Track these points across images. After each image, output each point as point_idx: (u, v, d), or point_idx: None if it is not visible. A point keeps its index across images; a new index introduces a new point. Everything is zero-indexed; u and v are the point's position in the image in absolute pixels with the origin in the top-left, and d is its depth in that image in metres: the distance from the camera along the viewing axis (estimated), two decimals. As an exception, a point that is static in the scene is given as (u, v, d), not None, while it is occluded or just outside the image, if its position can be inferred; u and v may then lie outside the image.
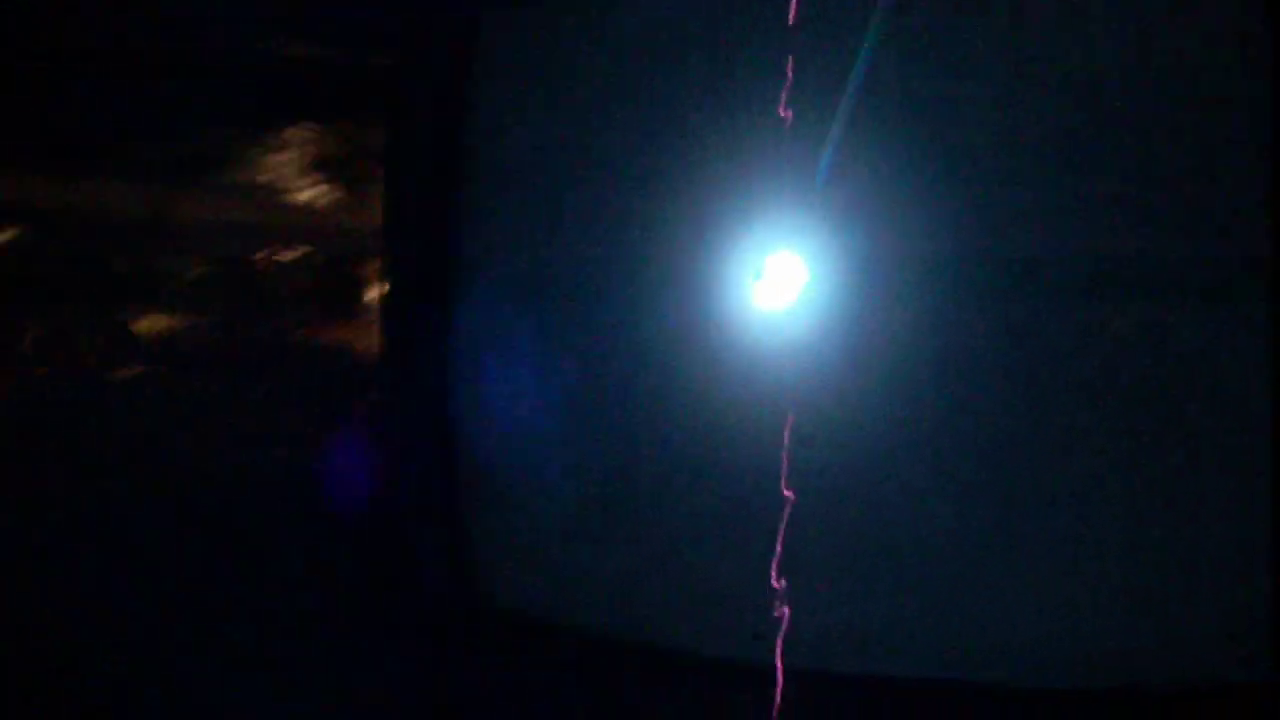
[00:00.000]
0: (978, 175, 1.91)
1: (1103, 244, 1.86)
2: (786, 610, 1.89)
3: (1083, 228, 1.87)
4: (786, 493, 1.88)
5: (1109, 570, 1.88)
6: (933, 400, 1.93)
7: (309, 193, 5.05)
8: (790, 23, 1.89)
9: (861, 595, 1.97)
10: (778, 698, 1.90)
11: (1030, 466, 1.91)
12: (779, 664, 1.88)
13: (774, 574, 1.87)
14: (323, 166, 5.07)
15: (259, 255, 5.29)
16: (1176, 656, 1.83)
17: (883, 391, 1.94)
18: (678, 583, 2.06)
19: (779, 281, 1.92)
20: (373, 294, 4.93)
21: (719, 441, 2.00)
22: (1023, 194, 1.90)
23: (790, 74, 1.90)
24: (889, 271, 1.94)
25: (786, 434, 1.85)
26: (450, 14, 2.27)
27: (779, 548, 1.89)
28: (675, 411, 2.06)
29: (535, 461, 2.21)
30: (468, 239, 2.27)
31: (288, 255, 5.27)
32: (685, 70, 2.07)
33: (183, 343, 4.89)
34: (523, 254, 2.21)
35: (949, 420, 1.92)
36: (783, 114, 1.88)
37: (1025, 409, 1.92)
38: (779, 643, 1.89)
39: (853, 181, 1.92)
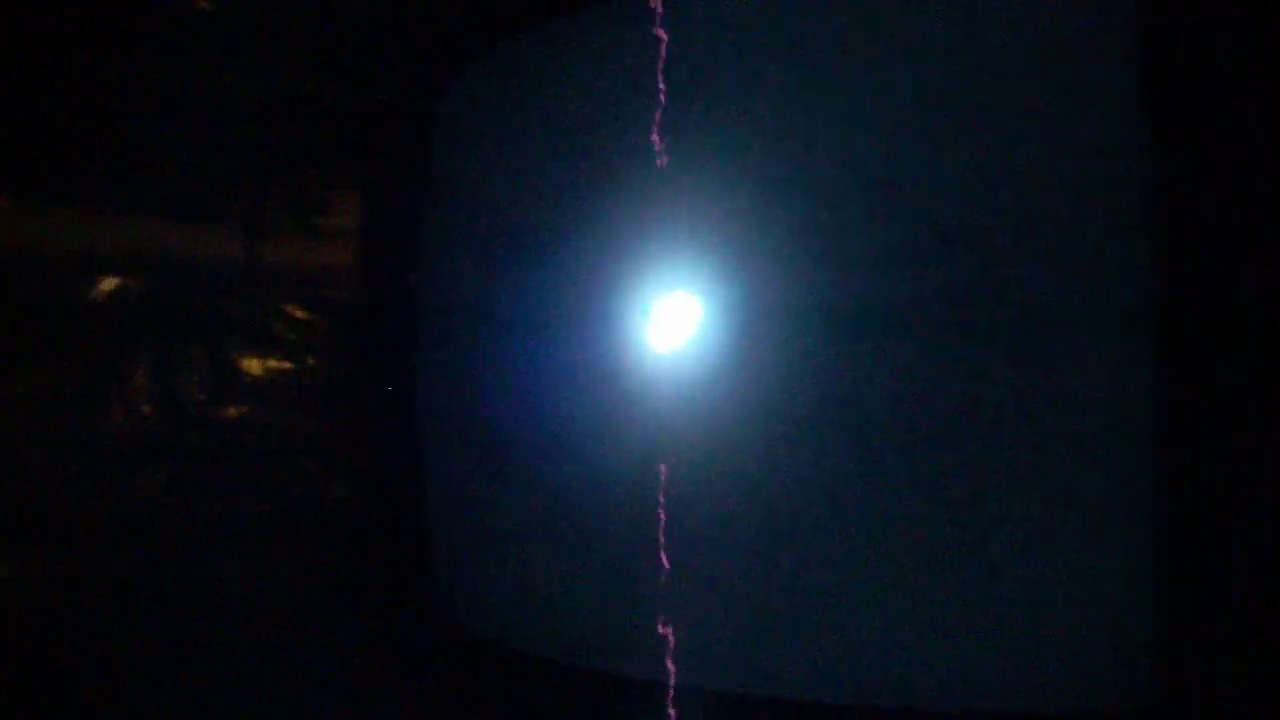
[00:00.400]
0: (851, 219, 1.99)
1: (987, 283, 1.92)
2: (671, 632, 2.02)
3: (965, 267, 1.93)
4: (660, 512, 2.02)
5: (991, 601, 1.93)
6: (813, 435, 2.01)
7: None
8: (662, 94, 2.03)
9: (747, 619, 2.07)
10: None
11: (912, 502, 1.97)
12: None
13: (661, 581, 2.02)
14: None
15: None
16: (1059, 685, 1.87)
17: (762, 426, 2.04)
18: (586, 602, 2.20)
19: (668, 322, 2.05)
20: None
21: (609, 474, 2.14)
22: (899, 235, 1.97)
23: (659, 122, 2.03)
24: (771, 314, 2.03)
25: (664, 471, 2.00)
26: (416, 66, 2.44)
27: (664, 564, 2.02)
28: (567, 441, 2.20)
29: (481, 485, 2.37)
30: (430, 277, 2.45)
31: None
32: (593, 132, 2.21)
33: (288, 382, 5.10)
34: (465, 291, 2.38)
35: (828, 454, 2.00)
36: (661, 163, 2.02)
37: (908, 447, 1.98)
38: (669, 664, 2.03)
39: (733, 224, 2.03)
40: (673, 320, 2.04)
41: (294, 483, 4.24)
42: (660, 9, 2.04)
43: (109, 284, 4.27)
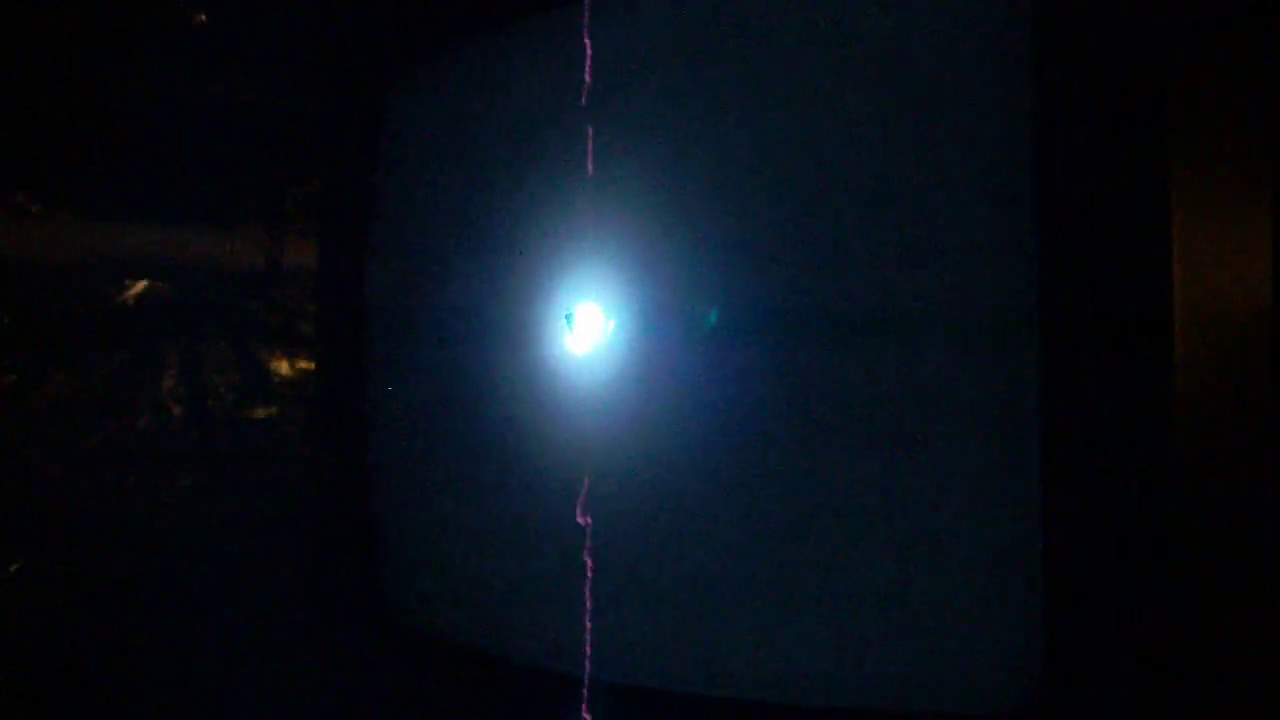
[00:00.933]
0: (760, 225, 2.04)
1: (886, 287, 1.95)
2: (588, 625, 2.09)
3: (865, 272, 1.97)
4: (581, 520, 2.08)
5: (889, 600, 1.96)
6: (720, 439, 2.06)
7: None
8: (584, 102, 2.09)
9: (665, 617, 2.12)
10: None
11: (813, 501, 2.01)
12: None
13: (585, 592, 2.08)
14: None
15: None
16: (949, 685, 1.90)
17: (674, 431, 2.09)
18: (518, 599, 2.27)
19: (585, 329, 2.11)
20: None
21: (535, 476, 2.21)
22: (802, 241, 2.01)
23: (590, 137, 2.09)
24: (680, 321, 2.08)
25: (587, 476, 2.07)
26: (366, 68, 2.51)
27: (589, 568, 2.09)
28: (495, 447, 2.27)
29: (423, 490, 2.45)
30: (376, 280, 2.53)
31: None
32: (513, 133, 2.29)
33: (314, 383, 5.18)
34: (414, 305, 2.45)
35: (735, 456, 2.05)
36: (587, 168, 2.08)
37: (809, 450, 2.01)
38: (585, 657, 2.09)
39: (648, 235, 2.09)
40: (591, 327, 2.10)
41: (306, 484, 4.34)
42: (587, 18, 2.10)
43: (138, 288, 4.36)
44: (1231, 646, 1.78)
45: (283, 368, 4.77)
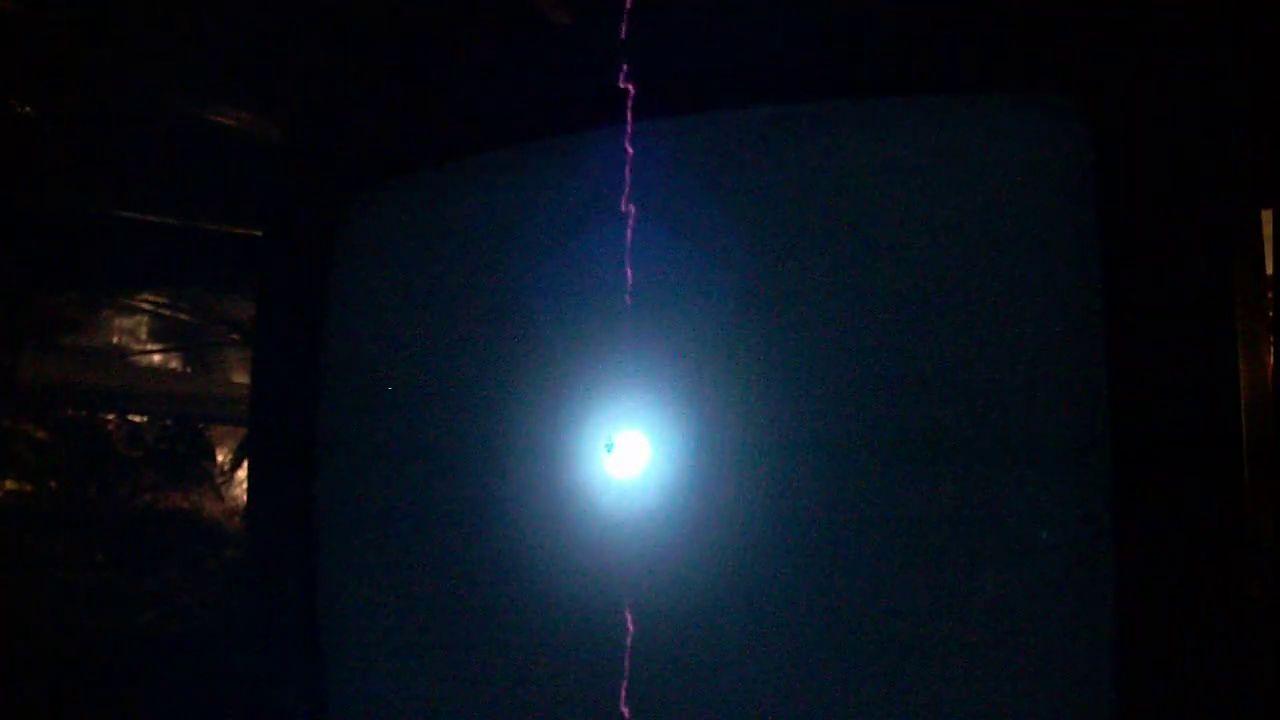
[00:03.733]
0: (809, 353, 2.05)
1: (938, 416, 1.99)
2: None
3: (917, 400, 2.00)
4: (626, 665, 2.02)
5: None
6: (774, 568, 2.04)
7: (159, 357, 5.09)
8: (623, 209, 2.06)
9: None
10: None
11: (877, 640, 2.01)
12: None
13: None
14: (173, 332, 5.11)
15: (108, 418, 5.27)
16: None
17: (725, 561, 2.06)
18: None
19: (628, 457, 2.06)
20: (222, 459, 4.97)
21: (566, 612, 2.12)
22: (854, 369, 2.03)
23: (629, 259, 2.06)
24: (731, 450, 2.06)
25: (626, 604, 2.00)
26: (312, 195, 2.39)
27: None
28: (525, 582, 2.17)
29: (404, 634, 2.29)
30: (330, 409, 2.37)
31: (136, 419, 5.26)
32: (531, 257, 2.22)
33: (32, 504, 4.84)
34: (383, 424, 2.32)
35: (790, 590, 2.03)
36: (627, 295, 2.04)
37: (872, 580, 2.02)
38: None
39: (694, 363, 2.07)
40: (632, 455, 2.05)
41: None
42: (630, 134, 2.08)
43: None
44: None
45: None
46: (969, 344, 1.97)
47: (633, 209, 2.07)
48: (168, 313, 5.17)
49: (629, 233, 2.08)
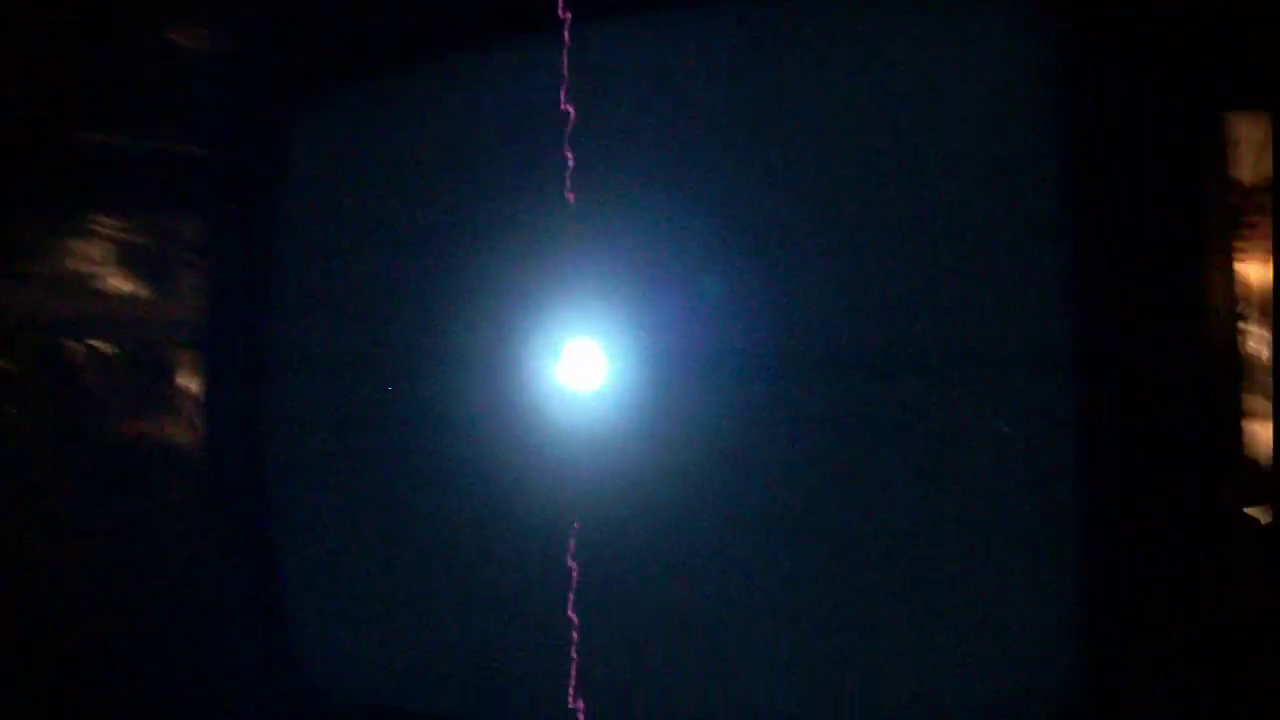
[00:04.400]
0: (771, 263, 2.01)
1: (904, 327, 1.96)
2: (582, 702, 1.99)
3: (879, 312, 1.97)
4: (571, 564, 1.99)
5: (916, 639, 1.96)
6: (731, 478, 2.02)
7: (121, 283, 5.01)
8: (563, 109, 2.01)
9: (662, 674, 2.05)
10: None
11: (833, 545, 1.99)
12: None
13: (572, 650, 1.97)
14: (134, 256, 5.03)
15: (73, 345, 5.20)
16: (992, 707, 1.92)
17: (677, 475, 2.03)
18: (479, 665, 2.13)
19: (577, 365, 2.03)
20: (186, 382, 4.89)
21: (510, 519, 2.09)
22: (815, 280, 2.00)
23: (572, 158, 2.01)
24: (684, 359, 2.03)
25: (575, 514, 1.97)
26: (263, 112, 2.34)
27: (575, 628, 1.99)
28: (473, 490, 2.14)
29: (349, 540, 2.26)
30: (283, 324, 2.33)
31: (101, 345, 5.19)
32: (483, 162, 2.18)
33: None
34: (334, 337, 2.28)
35: (747, 497, 2.01)
36: (572, 204, 2.00)
37: (826, 495, 2.00)
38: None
39: (647, 270, 2.03)
40: (581, 365, 2.02)
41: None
42: (568, 41, 2.03)
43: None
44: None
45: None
46: (937, 251, 1.94)
47: (573, 107, 2.02)
48: (128, 236, 5.09)
49: (568, 131, 2.04)
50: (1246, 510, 2.59)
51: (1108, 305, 1.84)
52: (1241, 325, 2.17)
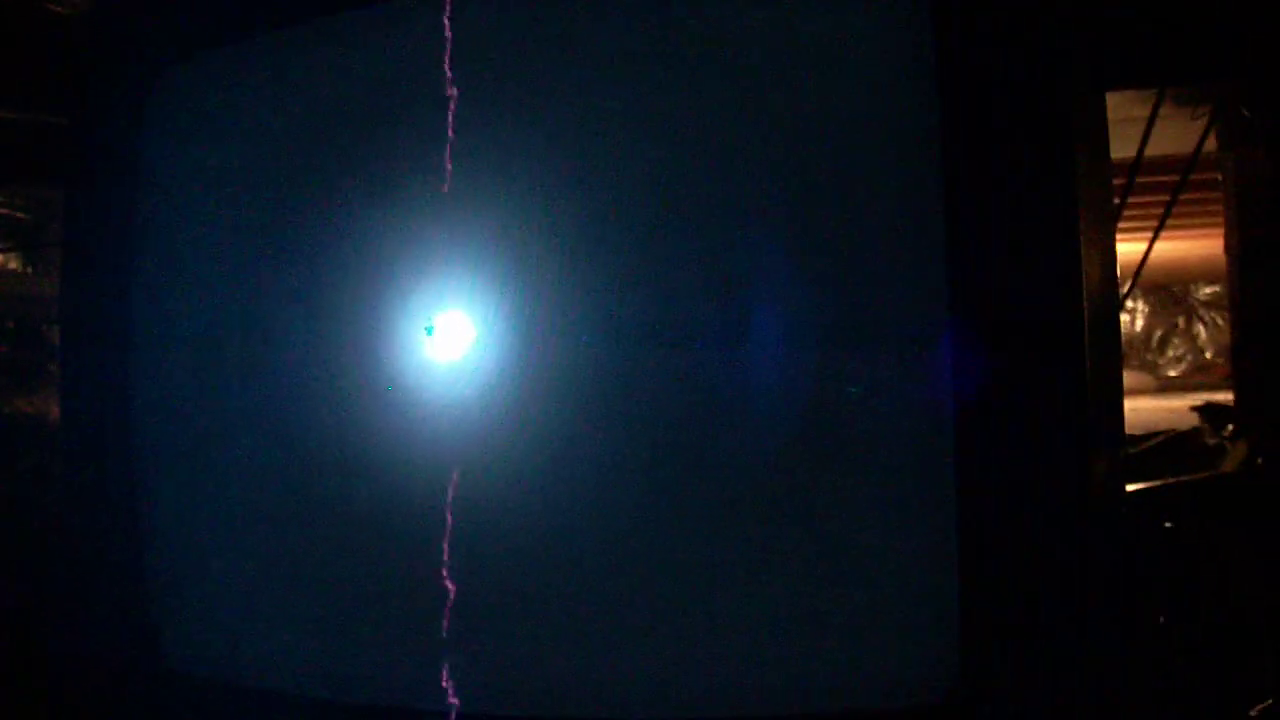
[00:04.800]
0: (635, 229, 1.99)
1: (763, 292, 1.95)
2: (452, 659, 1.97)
3: (750, 276, 1.95)
4: (448, 523, 1.97)
5: (790, 605, 1.94)
6: (601, 448, 2.00)
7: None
8: (448, 92, 1.97)
9: (535, 638, 2.02)
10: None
11: (706, 511, 1.97)
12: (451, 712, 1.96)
13: (444, 621, 1.95)
14: (10, 231, 4.92)
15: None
16: (868, 682, 1.91)
17: (545, 441, 2.01)
18: (353, 638, 2.09)
19: (449, 338, 1.99)
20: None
21: (387, 494, 2.05)
22: (678, 246, 1.98)
23: (450, 135, 1.98)
24: (556, 326, 2.00)
25: (451, 488, 1.94)
26: (121, 72, 2.27)
27: (449, 595, 1.96)
28: (346, 464, 2.10)
29: (215, 515, 2.21)
30: (144, 297, 2.26)
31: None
32: (355, 130, 2.13)
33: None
34: (199, 307, 2.22)
35: (617, 467, 1.99)
36: (448, 172, 1.97)
37: (697, 456, 1.98)
38: (449, 690, 1.96)
39: (519, 244, 2.00)
40: (451, 335, 1.99)
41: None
42: (449, 7, 1.98)
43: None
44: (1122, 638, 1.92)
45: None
46: (816, 230, 1.93)
47: (451, 75, 1.99)
48: (4, 211, 4.98)
49: (451, 111, 2.00)
50: (1129, 487, 2.63)
51: (983, 285, 1.83)
52: (1126, 303, 2.19)
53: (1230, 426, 4.83)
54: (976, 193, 1.83)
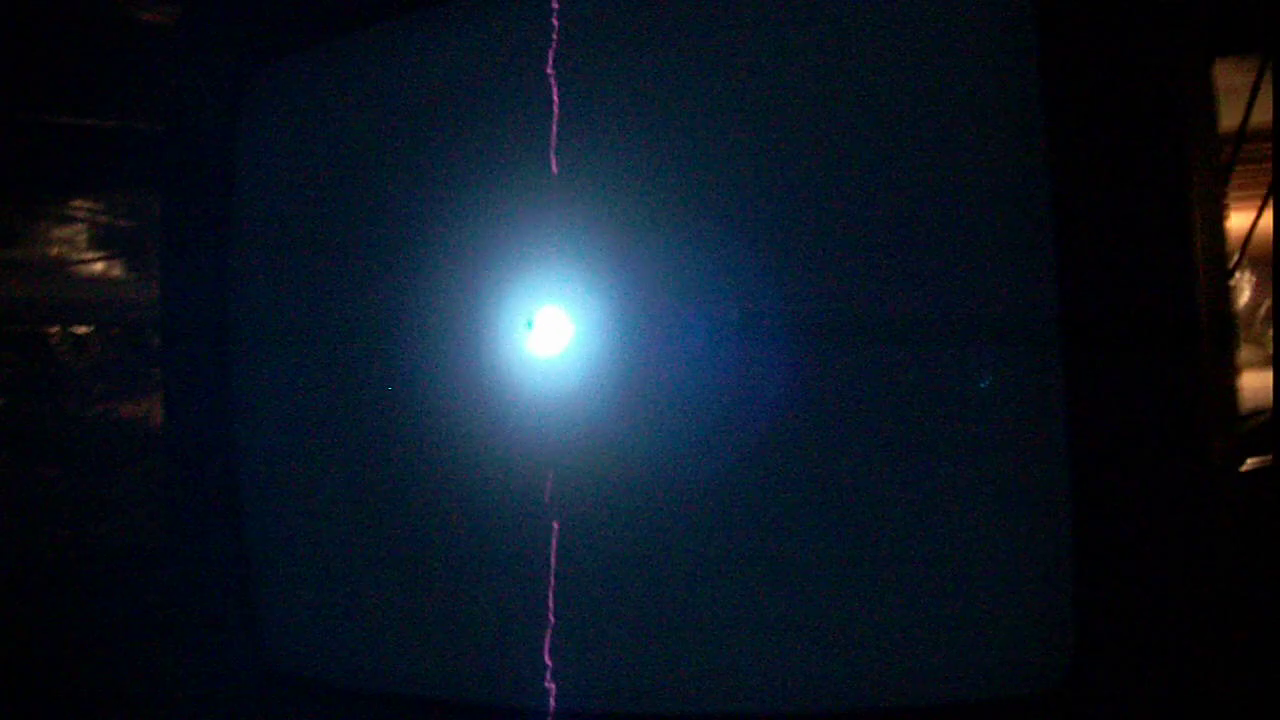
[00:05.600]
0: (745, 227, 1.96)
1: (874, 291, 1.90)
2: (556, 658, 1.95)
3: (862, 272, 1.91)
4: (552, 538, 1.94)
5: (901, 602, 1.90)
6: (711, 443, 1.97)
7: (100, 265, 4.97)
8: (549, 78, 1.95)
9: (637, 636, 2.00)
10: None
11: (814, 510, 1.94)
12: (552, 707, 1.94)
13: (549, 615, 1.93)
14: (112, 238, 4.99)
15: (51, 330, 5.15)
16: (979, 674, 1.88)
17: (651, 440, 1.98)
18: (456, 637, 2.09)
19: (549, 333, 1.97)
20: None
21: (488, 492, 2.04)
22: (792, 242, 1.94)
23: (555, 126, 1.96)
24: (659, 325, 1.97)
25: (549, 482, 1.92)
26: (211, 73, 2.28)
27: (551, 599, 1.95)
28: (445, 460, 2.09)
29: (318, 518, 2.21)
30: (242, 299, 2.27)
31: (81, 330, 5.14)
32: (453, 124, 2.12)
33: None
34: (297, 307, 2.23)
35: (725, 462, 1.96)
36: (550, 165, 1.95)
37: (804, 453, 1.94)
38: (551, 688, 1.95)
39: (623, 237, 1.98)
40: (556, 330, 1.96)
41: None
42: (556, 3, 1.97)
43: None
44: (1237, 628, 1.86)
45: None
46: (922, 220, 1.89)
47: (555, 71, 1.96)
48: (105, 219, 5.04)
49: (554, 95, 1.98)
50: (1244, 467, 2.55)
51: (1093, 269, 1.77)
52: (1234, 277, 2.11)
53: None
54: (1083, 173, 1.77)
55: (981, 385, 1.86)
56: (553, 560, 1.96)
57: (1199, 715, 1.74)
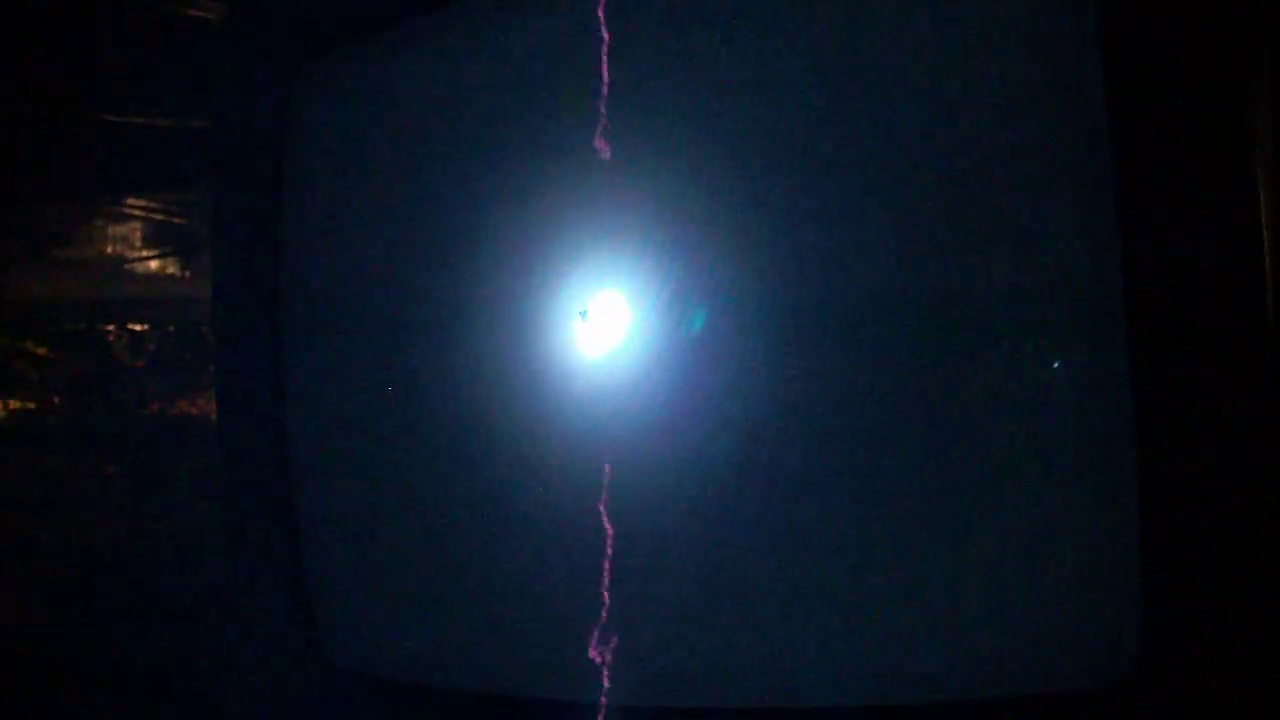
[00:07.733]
0: (805, 216, 1.92)
1: (943, 282, 1.87)
2: (609, 652, 1.93)
3: (923, 265, 1.87)
4: (607, 527, 1.92)
5: (961, 594, 1.87)
6: (769, 435, 1.93)
7: (155, 263, 5.00)
8: (603, 63, 1.93)
9: (693, 630, 1.98)
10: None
11: (875, 504, 1.90)
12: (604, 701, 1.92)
13: (602, 610, 1.91)
14: (167, 236, 5.02)
15: (108, 329, 5.19)
16: (1043, 667, 1.84)
17: (708, 431, 1.95)
18: (508, 631, 2.07)
19: (604, 323, 1.95)
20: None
21: (541, 483, 2.02)
22: (852, 232, 1.90)
23: (604, 111, 1.93)
24: (716, 313, 1.95)
25: (606, 474, 1.89)
26: (261, 68, 2.27)
27: (605, 595, 1.93)
28: (500, 452, 2.07)
29: (372, 508, 2.21)
30: (294, 295, 2.27)
31: (137, 328, 5.17)
32: (505, 113, 2.10)
33: (38, 421, 4.77)
34: (351, 301, 2.22)
35: (775, 457, 1.92)
36: (601, 153, 1.92)
37: (866, 446, 1.91)
38: (605, 682, 1.92)
39: (678, 224, 1.95)
40: (611, 320, 1.94)
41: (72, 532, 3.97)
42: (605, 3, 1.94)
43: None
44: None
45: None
46: (978, 206, 1.85)
47: (609, 59, 1.94)
48: (160, 217, 5.08)
49: (604, 87, 1.96)
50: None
51: (1159, 260, 1.73)
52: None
53: None
54: (1148, 163, 1.73)
55: (1054, 367, 1.82)
56: (609, 552, 1.94)
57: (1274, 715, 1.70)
